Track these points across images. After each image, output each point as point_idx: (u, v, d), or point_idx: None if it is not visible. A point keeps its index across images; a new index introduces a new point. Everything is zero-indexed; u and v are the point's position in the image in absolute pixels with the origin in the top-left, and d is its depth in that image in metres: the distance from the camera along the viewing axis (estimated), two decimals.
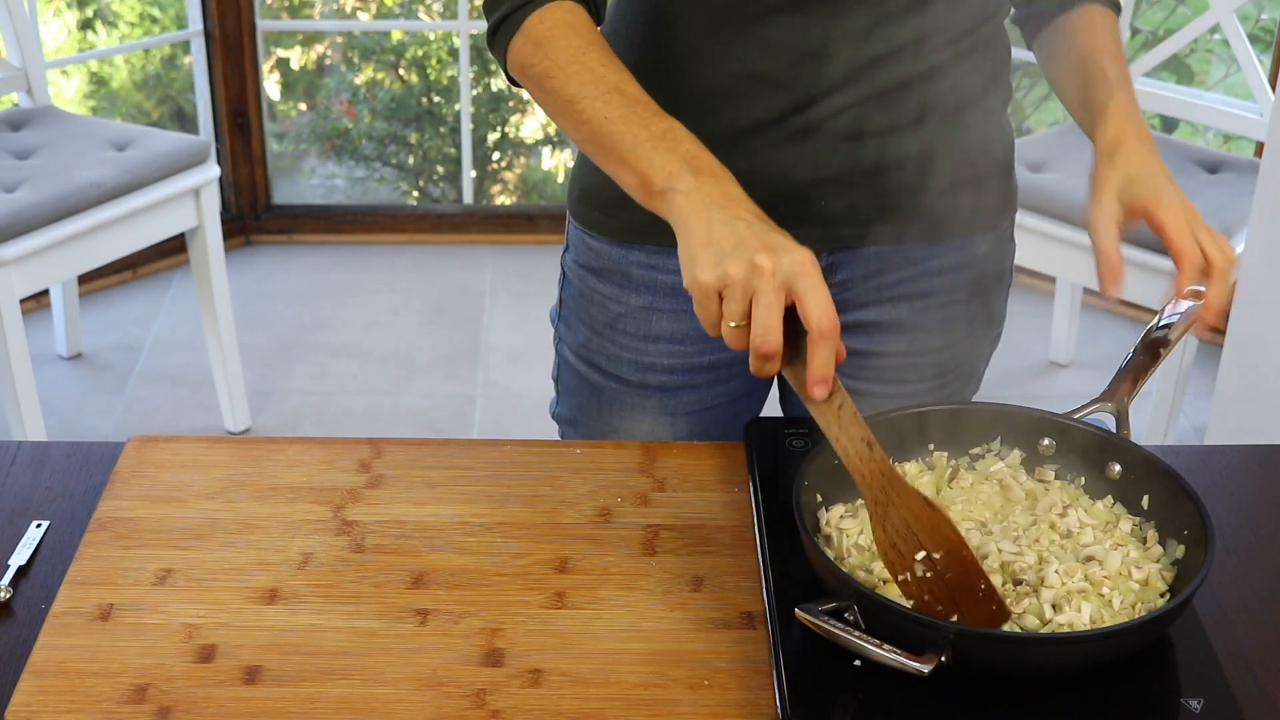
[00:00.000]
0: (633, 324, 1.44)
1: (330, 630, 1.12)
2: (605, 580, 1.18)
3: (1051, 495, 1.18)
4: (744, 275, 1.03)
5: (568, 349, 1.51)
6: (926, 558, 1.05)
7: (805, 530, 1.08)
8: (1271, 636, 1.15)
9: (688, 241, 1.08)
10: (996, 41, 1.38)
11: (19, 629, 1.13)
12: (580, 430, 1.54)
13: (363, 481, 1.29)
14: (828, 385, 1.03)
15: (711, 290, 1.05)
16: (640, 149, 1.14)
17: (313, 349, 3.42)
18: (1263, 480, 1.37)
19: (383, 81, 4.08)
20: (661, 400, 1.47)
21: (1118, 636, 1.03)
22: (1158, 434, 2.82)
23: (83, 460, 1.33)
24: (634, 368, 1.46)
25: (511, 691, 1.07)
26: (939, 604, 1.05)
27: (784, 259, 1.03)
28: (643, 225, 1.37)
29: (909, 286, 1.42)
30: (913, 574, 1.05)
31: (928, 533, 1.05)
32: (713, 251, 1.05)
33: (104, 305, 3.54)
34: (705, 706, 1.06)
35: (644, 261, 1.41)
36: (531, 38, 1.22)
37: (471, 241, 3.88)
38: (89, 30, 4.04)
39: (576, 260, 1.47)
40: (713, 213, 1.08)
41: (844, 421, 1.06)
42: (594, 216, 1.43)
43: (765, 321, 1.02)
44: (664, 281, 1.41)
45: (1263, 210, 2.24)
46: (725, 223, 1.06)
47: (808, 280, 1.02)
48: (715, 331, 1.06)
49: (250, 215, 3.82)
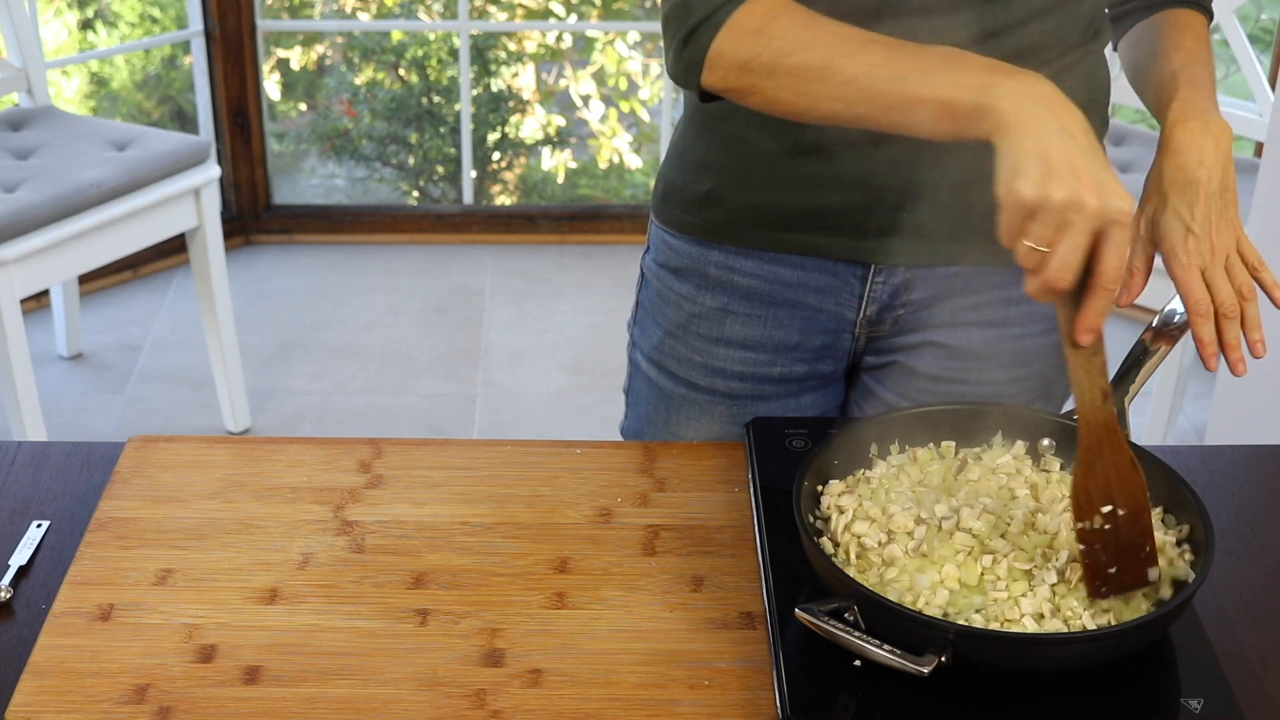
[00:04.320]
0: (706, 325, 1.42)
1: (330, 630, 1.12)
2: (605, 580, 1.18)
3: (1053, 489, 1.18)
4: (1064, 204, 0.99)
5: (640, 354, 1.49)
6: (1111, 511, 1.08)
7: (805, 532, 1.08)
8: (1271, 636, 1.15)
9: (1015, 147, 1.02)
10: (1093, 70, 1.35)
11: (19, 629, 1.13)
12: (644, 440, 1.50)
13: (363, 481, 1.29)
14: (1095, 334, 1.04)
15: (1027, 207, 1.01)
16: (932, 76, 1.07)
17: (313, 349, 3.42)
18: (1263, 480, 1.37)
19: (383, 81, 4.08)
20: (730, 409, 1.44)
21: (1118, 636, 1.03)
22: (1158, 434, 2.82)
23: (83, 460, 1.33)
24: (704, 371, 1.43)
25: (511, 691, 1.07)
26: (1104, 554, 1.08)
27: (1109, 203, 1.00)
28: (722, 225, 1.37)
29: (985, 313, 1.39)
30: (1093, 523, 1.08)
31: (1123, 490, 1.08)
32: (1040, 166, 1.00)
33: (104, 305, 3.54)
34: (705, 706, 1.06)
35: (722, 262, 1.39)
36: (747, 30, 1.14)
37: (471, 241, 3.88)
38: (89, 30, 4.04)
39: (656, 260, 1.45)
40: (1046, 119, 1.02)
41: (1091, 370, 1.07)
42: (675, 214, 1.41)
43: (1067, 258, 1.00)
44: (740, 284, 1.39)
45: (1262, 210, 2.24)
46: (1059, 136, 1.02)
47: (1120, 232, 1.00)
48: (1009, 243, 1.03)
49: (250, 215, 3.82)
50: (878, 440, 1.22)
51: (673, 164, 1.42)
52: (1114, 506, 1.08)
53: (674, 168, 1.42)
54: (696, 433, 1.46)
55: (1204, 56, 1.29)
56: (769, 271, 1.38)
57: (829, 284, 1.37)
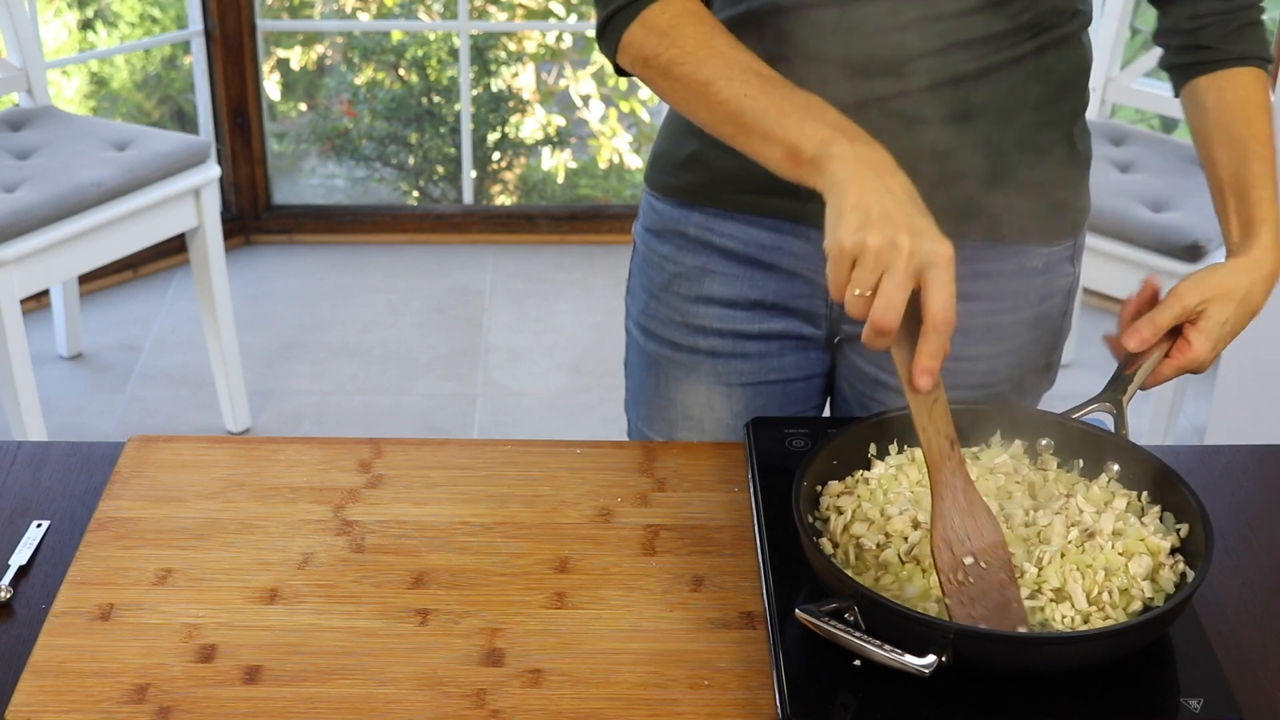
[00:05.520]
0: (685, 285, 1.45)
1: (330, 630, 1.12)
2: (605, 580, 1.18)
3: (1050, 487, 1.18)
4: (881, 248, 1.06)
5: (632, 322, 1.53)
6: (974, 564, 1.08)
7: (805, 532, 1.08)
8: (1271, 636, 1.15)
9: (838, 203, 1.10)
10: (1072, 50, 1.36)
11: (19, 629, 1.13)
12: (640, 412, 1.54)
13: (363, 481, 1.29)
14: (933, 377, 1.07)
15: (848, 254, 1.07)
16: (787, 119, 1.16)
17: (313, 349, 3.42)
18: (1263, 480, 1.37)
19: (383, 81, 4.08)
20: (714, 366, 1.47)
21: (1117, 636, 1.03)
22: (1158, 434, 2.82)
23: (83, 460, 1.33)
24: (684, 330, 1.47)
25: (511, 691, 1.07)
26: (971, 608, 1.06)
27: (924, 245, 1.06)
28: (703, 187, 1.40)
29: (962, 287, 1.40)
30: (954, 577, 1.07)
31: (981, 538, 1.08)
32: (858, 217, 1.08)
33: (104, 305, 3.54)
34: (705, 706, 1.06)
35: (701, 223, 1.42)
36: (655, 28, 1.23)
37: (471, 241, 3.88)
38: (89, 30, 4.04)
39: (644, 225, 1.49)
40: (867, 178, 1.10)
41: (935, 416, 1.09)
42: (661, 178, 1.45)
43: (890, 297, 1.06)
44: (718, 244, 1.42)
45: None
46: (877, 192, 1.09)
47: (941, 272, 1.06)
48: (839, 296, 1.09)
49: (250, 215, 3.82)
50: (876, 440, 1.22)
51: (662, 132, 1.47)
52: (975, 559, 1.08)
53: (663, 135, 1.46)
54: (686, 396, 1.48)
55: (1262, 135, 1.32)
56: (747, 234, 1.41)
57: (804, 249, 1.40)
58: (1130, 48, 3.66)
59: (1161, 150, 3.01)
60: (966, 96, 1.30)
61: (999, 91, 1.31)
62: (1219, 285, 1.25)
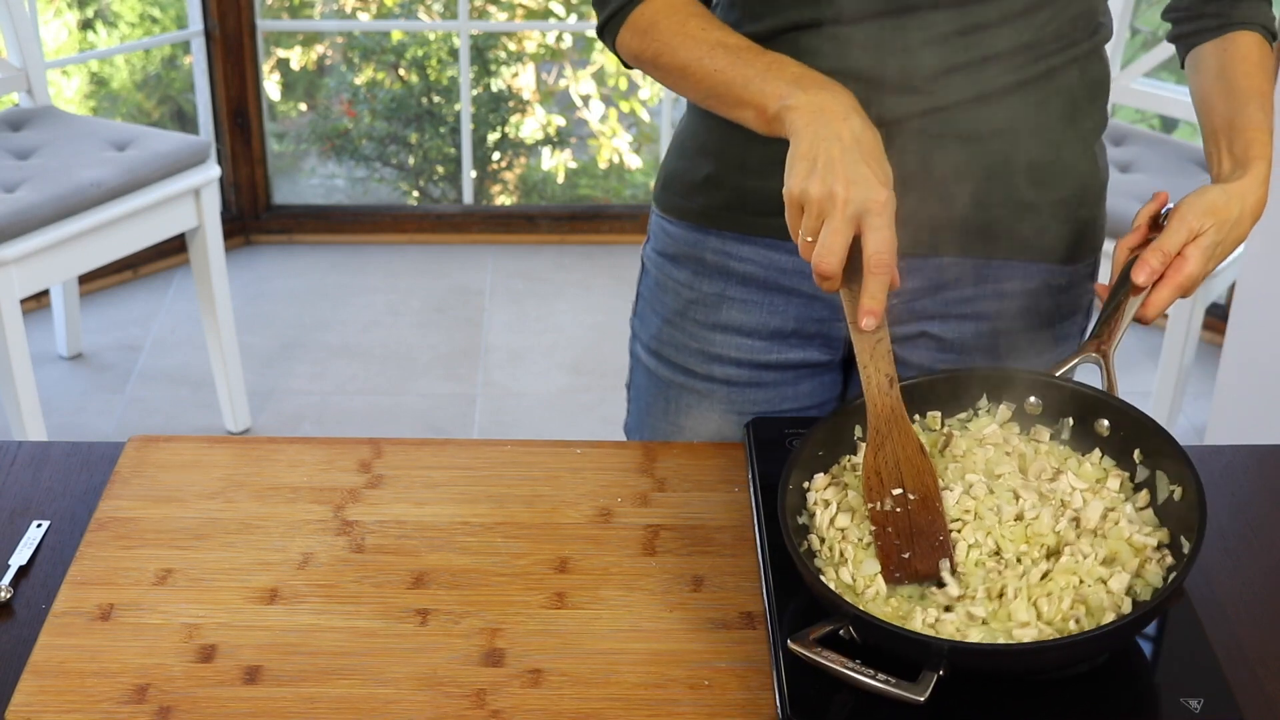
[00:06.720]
0: (703, 311, 1.44)
1: (330, 630, 1.12)
2: (605, 580, 1.18)
3: (1040, 461, 1.18)
4: (820, 197, 1.13)
5: (640, 346, 1.51)
6: (902, 495, 1.14)
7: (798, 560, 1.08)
8: (1271, 636, 1.15)
9: (793, 151, 1.16)
10: (1092, 66, 1.36)
11: (19, 629, 1.13)
12: (644, 436, 1.51)
13: (363, 481, 1.29)
14: (876, 318, 1.14)
15: (796, 202, 1.15)
16: (751, 84, 1.22)
17: (313, 349, 3.42)
18: (1263, 480, 1.37)
19: (383, 81, 4.08)
20: (728, 395, 1.45)
21: (1118, 635, 1.03)
22: None
23: (83, 460, 1.33)
24: (701, 358, 1.45)
25: (511, 691, 1.07)
26: (897, 538, 1.12)
27: (858, 193, 1.12)
28: (720, 210, 1.39)
29: (977, 306, 1.40)
30: (883, 504, 1.14)
31: (912, 475, 1.15)
32: (805, 165, 1.14)
33: (104, 305, 3.54)
34: (705, 706, 1.06)
35: (719, 248, 1.41)
36: (637, 28, 1.31)
37: (471, 241, 3.88)
38: (89, 30, 4.04)
39: (655, 249, 1.48)
40: (820, 126, 1.16)
41: (877, 355, 1.16)
42: (673, 201, 1.44)
43: (829, 244, 1.13)
44: (736, 269, 1.41)
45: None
46: (826, 140, 1.15)
47: (876, 218, 1.12)
48: (793, 238, 1.16)
49: (250, 215, 3.82)
50: (861, 423, 1.21)
51: (674, 153, 1.46)
52: (904, 490, 1.14)
53: (675, 156, 1.45)
54: (696, 423, 1.47)
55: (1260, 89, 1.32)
56: (766, 258, 1.39)
57: None
58: (1130, 48, 3.66)
59: (1161, 150, 3.01)
60: (993, 113, 1.30)
61: (1026, 106, 1.31)
62: (1217, 208, 1.24)
